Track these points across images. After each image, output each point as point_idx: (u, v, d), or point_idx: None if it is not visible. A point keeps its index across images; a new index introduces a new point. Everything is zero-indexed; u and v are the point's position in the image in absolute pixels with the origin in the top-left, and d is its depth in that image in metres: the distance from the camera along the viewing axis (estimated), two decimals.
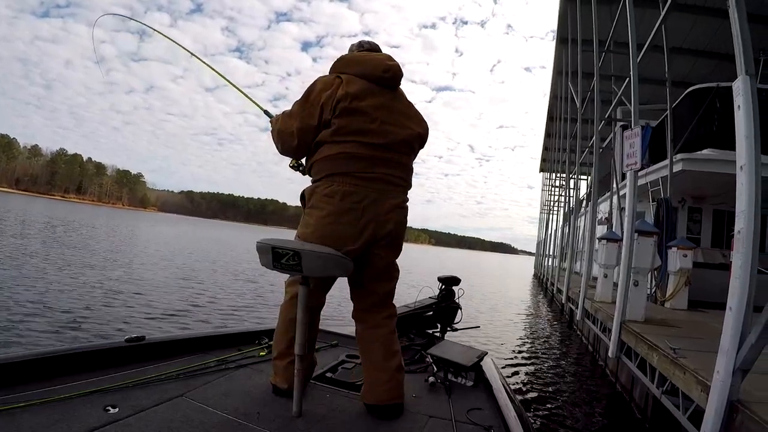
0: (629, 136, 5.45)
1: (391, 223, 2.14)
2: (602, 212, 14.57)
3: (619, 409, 5.30)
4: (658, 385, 3.85)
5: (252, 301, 10.37)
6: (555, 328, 11.94)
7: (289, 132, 2.12)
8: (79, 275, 10.34)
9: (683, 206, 10.92)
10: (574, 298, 9.71)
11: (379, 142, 2.10)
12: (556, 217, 26.70)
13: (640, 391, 4.86)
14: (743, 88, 2.68)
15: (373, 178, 2.09)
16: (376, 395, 2.12)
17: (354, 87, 2.08)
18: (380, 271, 2.22)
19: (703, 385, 2.89)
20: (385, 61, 2.19)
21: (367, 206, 2.07)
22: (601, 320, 6.52)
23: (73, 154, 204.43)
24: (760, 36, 10.33)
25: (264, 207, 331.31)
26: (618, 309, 5.14)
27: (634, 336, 4.61)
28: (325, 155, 2.08)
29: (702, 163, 8.52)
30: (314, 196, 2.10)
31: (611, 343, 5.21)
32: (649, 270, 5.87)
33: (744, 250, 2.54)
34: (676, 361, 3.48)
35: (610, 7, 10.10)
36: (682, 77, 12.23)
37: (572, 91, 14.03)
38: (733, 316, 2.57)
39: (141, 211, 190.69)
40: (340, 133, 2.05)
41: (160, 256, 17.35)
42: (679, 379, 3.35)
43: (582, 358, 8.17)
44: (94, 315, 7.08)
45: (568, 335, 10.56)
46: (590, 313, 7.46)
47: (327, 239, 2.02)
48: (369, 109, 2.09)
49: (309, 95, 2.10)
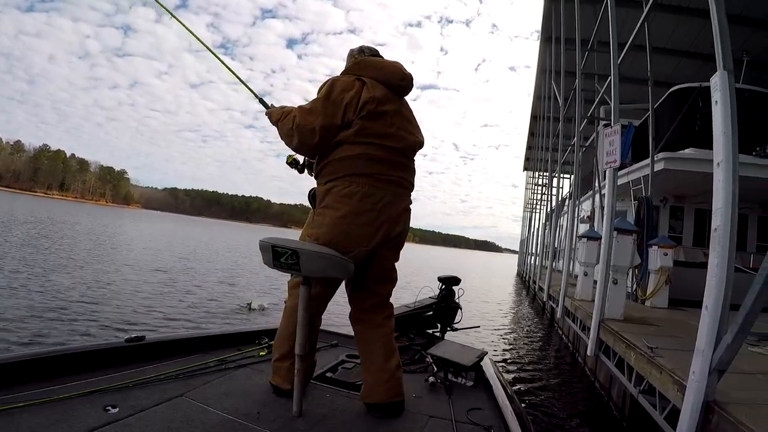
0: (609, 133, 5.42)
1: (400, 225, 2.22)
2: (585, 211, 14.63)
3: (597, 408, 5.28)
4: (636, 384, 3.83)
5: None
6: (536, 326, 11.93)
7: (309, 128, 2.08)
8: (55, 277, 10.10)
9: (665, 205, 10.97)
10: (555, 297, 9.73)
11: (396, 146, 2.17)
12: (539, 215, 26.85)
13: (618, 389, 4.83)
14: (721, 84, 2.63)
15: (390, 181, 2.15)
16: (377, 394, 2.13)
17: (378, 91, 2.13)
18: (384, 272, 2.27)
19: (680, 385, 2.86)
20: (401, 69, 2.26)
21: (383, 208, 2.11)
22: (580, 318, 6.51)
23: (56, 150, 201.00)
24: (745, 37, 10.49)
25: (248, 204, 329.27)
26: (596, 307, 5.12)
27: (612, 334, 4.59)
28: (344, 155, 2.09)
29: (683, 162, 8.56)
30: (329, 196, 2.10)
31: (590, 341, 5.19)
32: (628, 268, 5.87)
33: (720, 248, 2.50)
34: (652, 360, 3.45)
35: (594, 6, 10.13)
36: (666, 77, 12.32)
37: (555, 89, 14.06)
38: (709, 315, 2.53)
39: (124, 208, 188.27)
40: (362, 134, 2.08)
41: (148, 260, 17.05)
42: (656, 378, 3.32)
43: (562, 356, 8.16)
44: (83, 315, 6.99)
45: (549, 333, 10.57)
46: (570, 311, 7.46)
47: (342, 239, 2.05)
48: (389, 114, 2.16)
49: (329, 94, 2.10)
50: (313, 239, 2.07)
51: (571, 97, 12.18)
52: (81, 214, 50.80)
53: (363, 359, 2.25)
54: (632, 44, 7.00)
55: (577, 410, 5.27)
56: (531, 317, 13.80)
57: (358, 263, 2.12)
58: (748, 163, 8.01)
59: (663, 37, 11.79)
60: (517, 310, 16.07)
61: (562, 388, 6.17)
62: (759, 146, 8.58)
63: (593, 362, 5.91)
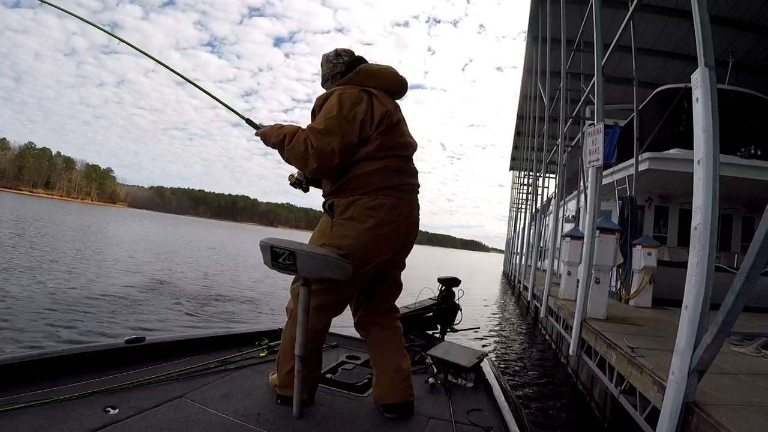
0: (591, 132, 5.40)
1: (414, 232, 2.25)
2: (570, 210, 14.69)
3: (579, 408, 5.26)
4: (616, 384, 3.80)
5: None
6: (520, 325, 11.94)
7: (327, 151, 1.98)
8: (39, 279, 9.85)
9: (650, 205, 11.03)
10: (539, 296, 9.72)
11: (407, 154, 2.21)
12: (524, 215, 26.94)
13: (600, 389, 4.81)
14: (702, 81, 2.60)
15: (408, 190, 2.18)
16: (396, 395, 2.15)
17: (389, 103, 2.15)
18: (396, 278, 2.33)
19: (659, 386, 2.83)
20: (399, 75, 2.26)
21: (404, 217, 2.13)
22: (563, 318, 6.50)
23: (42, 148, 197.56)
24: (731, 38, 10.58)
25: (235, 203, 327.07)
26: (578, 306, 5.09)
27: (594, 334, 4.57)
28: (366, 171, 2.06)
29: (668, 162, 8.59)
30: (354, 208, 2.06)
31: (572, 340, 5.17)
32: (610, 267, 5.85)
33: (701, 247, 2.46)
34: (633, 360, 3.42)
35: (581, 6, 10.14)
36: (653, 78, 12.43)
37: (541, 89, 14.07)
38: (689, 315, 2.49)
39: (110, 206, 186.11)
40: (383, 148, 2.08)
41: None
42: (636, 378, 3.29)
43: (545, 356, 8.15)
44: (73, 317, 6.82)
45: (532, 333, 10.57)
46: (553, 310, 7.45)
47: (367, 250, 2.05)
48: (400, 124, 2.19)
49: (341, 111, 2.01)
50: (339, 249, 2.01)
51: (557, 96, 12.20)
52: (65, 213, 49.98)
53: (378, 361, 2.25)
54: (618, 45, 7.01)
55: (558, 410, 5.25)
56: (516, 316, 13.79)
57: (376, 272, 2.16)
58: (733, 163, 8.08)
59: (649, 38, 11.88)
60: (502, 309, 16.07)
61: (544, 388, 6.14)
62: (744, 147, 8.64)
63: (575, 362, 5.90)
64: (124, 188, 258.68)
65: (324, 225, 2.15)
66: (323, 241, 2.08)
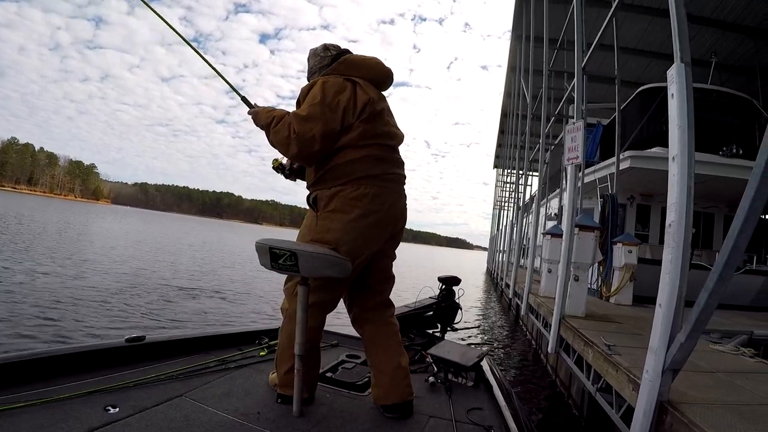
0: (571, 130, 5.39)
1: (402, 221, 2.24)
2: (553, 208, 14.75)
3: (558, 405, 5.26)
4: (593, 382, 3.79)
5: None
6: (502, 322, 11.97)
7: (309, 137, 1.99)
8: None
9: (632, 203, 11.08)
10: (520, 293, 9.73)
11: (391, 144, 2.19)
12: (507, 213, 27.03)
13: (577, 387, 4.81)
14: (677, 76, 2.57)
15: (392, 179, 2.16)
16: (396, 394, 2.14)
17: (372, 92, 2.14)
18: (384, 270, 2.30)
19: (635, 384, 2.81)
20: (384, 65, 2.26)
21: (389, 207, 2.12)
22: (543, 315, 6.49)
23: (25, 144, 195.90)
24: (714, 39, 10.67)
25: (219, 200, 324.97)
26: (557, 304, 5.08)
27: (572, 331, 4.55)
28: (349, 159, 2.06)
29: (649, 160, 8.63)
30: (337, 199, 2.05)
31: (551, 338, 5.16)
32: (589, 265, 5.86)
33: (675, 244, 2.43)
34: (609, 358, 3.41)
35: (565, 5, 10.15)
36: (636, 77, 12.53)
37: (524, 87, 14.11)
38: (663, 313, 2.47)
39: (94, 203, 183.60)
40: (365, 136, 2.07)
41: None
42: (612, 376, 3.28)
43: (526, 353, 8.17)
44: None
45: (514, 330, 10.59)
46: (534, 308, 7.45)
47: (355, 242, 2.04)
48: (383, 113, 2.18)
49: (324, 98, 2.02)
50: (324, 243, 2.02)
51: (540, 95, 12.24)
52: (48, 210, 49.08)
53: (375, 360, 2.23)
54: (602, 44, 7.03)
55: (537, 407, 5.24)
56: (498, 314, 13.83)
57: (365, 264, 2.14)
58: (715, 162, 8.15)
59: (633, 38, 11.96)
60: (485, 306, 16.09)
61: (523, 385, 6.14)
62: (725, 146, 8.71)
63: (554, 359, 5.90)
64: (107, 185, 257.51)
65: (310, 220, 2.14)
66: (311, 237, 2.08)
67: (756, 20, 10.28)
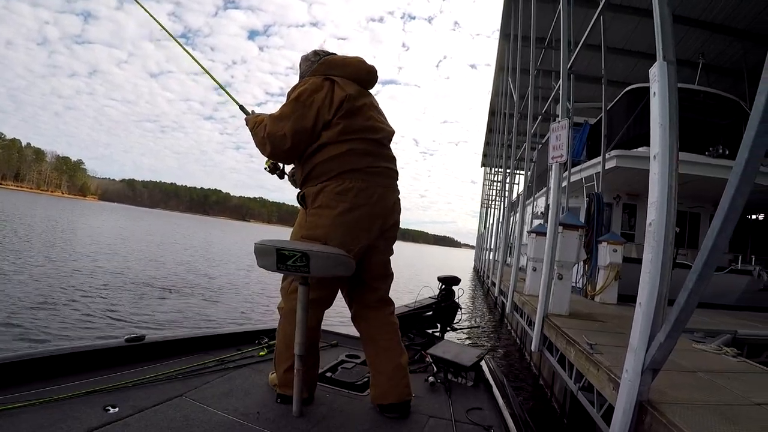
0: (556, 128, 5.39)
1: (393, 216, 2.23)
2: (540, 207, 14.80)
3: (541, 404, 5.26)
4: (575, 380, 3.79)
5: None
6: (488, 321, 11.98)
7: (280, 135, 2.07)
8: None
9: (618, 202, 11.12)
10: (506, 292, 9.75)
11: (377, 137, 2.19)
12: (494, 211, 27.14)
13: (560, 386, 4.81)
14: (660, 74, 2.56)
15: (379, 173, 2.16)
16: (395, 394, 2.14)
17: (351, 88, 2.14)
18: (381, 266, 2.28)
19: (615, 383, 2.80)
20: (365, 63, 2.27)
21: (377, 201, 2.12)
22: (527, 313, 6.50)
23: (12, 139, 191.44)
24: (702, 40, 10.73)
25: (206, 197, 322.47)
26: (541, 302, 5.08)
27: (555, 330, 4.55)
28: (332, 155, 2.08)
29: (635, 160, 8.65)
30: (323, 195, 2.08)
31: (534, 336, 5.16)
32: (573, 264, 5.86)
33: (655, 243, 2.43)
34: (591, 357, 3.40)
35: (553, 5, 10.17)
36: (624, 77, 12.57)
37: (512, 86, 14.13)
38: (643, 312, 2.46)
39: (81, 199, 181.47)
40: (346, 132, 2.09)
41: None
42: (594, 375, 3.27)
43: (510, 351, 8.17)
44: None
45: (499, 328, 10.61)
46: (518, 306, 7.46)
47: (342, 237, 2.05)
48: (365, 108, 2.19)
49: (299, 97, 2.08)
50: (314, 240, 2.04)
51: (527, 94, 12.26)
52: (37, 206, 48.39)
53: (375, 359, 2.22)
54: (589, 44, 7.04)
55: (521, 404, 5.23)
56: (484, 312, 13.84)
57: (358, 259, 2.12)
58: (701, 162, 8.20)
59: (621, 38, 12.03)
60: (471, 304, 16.13)
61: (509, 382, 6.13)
62: (711, 146, 8.77)
63: (538, 358, 5.91)
64: (95, 181, 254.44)
65: (300, 217, 2.17)
66: (301, 234, 2.11)
67: (744, 22, 10.37)
